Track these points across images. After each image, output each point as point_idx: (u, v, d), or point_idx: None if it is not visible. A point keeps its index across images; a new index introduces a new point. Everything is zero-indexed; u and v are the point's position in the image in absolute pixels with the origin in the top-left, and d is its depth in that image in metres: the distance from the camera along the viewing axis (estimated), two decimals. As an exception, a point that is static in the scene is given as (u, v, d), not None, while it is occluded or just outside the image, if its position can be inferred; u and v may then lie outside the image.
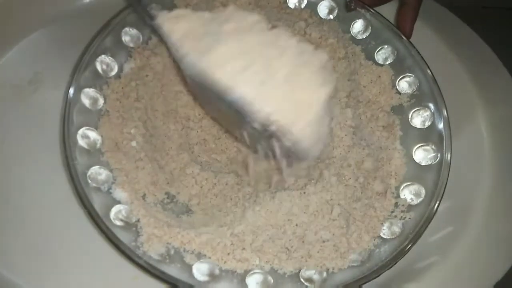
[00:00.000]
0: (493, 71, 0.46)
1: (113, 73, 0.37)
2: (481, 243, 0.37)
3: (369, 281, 0.30)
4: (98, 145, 0.34)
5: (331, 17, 0.42)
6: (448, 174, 0.34)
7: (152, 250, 0.30)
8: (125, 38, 0.37)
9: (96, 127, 0.34)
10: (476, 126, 0.43)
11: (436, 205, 0.33)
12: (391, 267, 0.31)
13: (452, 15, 0.49)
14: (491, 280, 0.36)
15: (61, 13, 0.44)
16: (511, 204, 0.39)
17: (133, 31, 0.38)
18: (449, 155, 0.35)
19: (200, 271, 0.30)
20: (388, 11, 0.42)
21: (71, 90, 0.34)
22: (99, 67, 0.36)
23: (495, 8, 0.63)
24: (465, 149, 0.41)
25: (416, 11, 0.40)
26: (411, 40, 0.40)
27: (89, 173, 0.32)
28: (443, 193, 0.34)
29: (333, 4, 0.41)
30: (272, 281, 0.30)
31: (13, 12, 0.43)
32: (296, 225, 0.32)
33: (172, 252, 0.31)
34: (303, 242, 0.31)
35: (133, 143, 0.34)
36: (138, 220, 0.31)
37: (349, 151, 0.36)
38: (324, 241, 0.31)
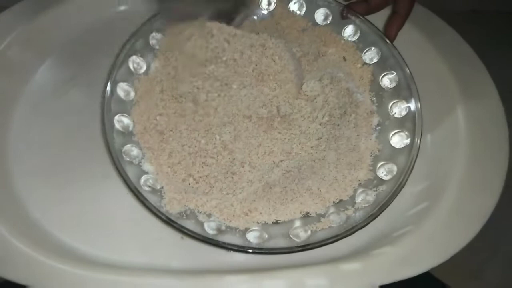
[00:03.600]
0: (472, 68, 0.48)
1: (142, 70, 0.41)
2: (451, 216, 0.39)
3: (343, 237, 0.34)
4: (130, 128, 0.38)
5: (328, 22, 0.47)
6: (417, 156, 0.38)
7: (173, 209, 0.35)
8: (152, 42, 0.41)
9: (129, 114, 0.39)
10: (454, 118, 0.45)
11: (405, 179, 0.37)
12: (362, 227, 0.35)
13: (436, 17, 0.52)
14: (458, 247, 0.38)
15: (96, 22, 0.49)
16: (480, 184, 0.41)
17: (159, 35, 0.42)
18: (418, 140, 0.39)
19: (210, 227, 0.35)
20: (379, 19, 0.47)
21: (109, 84, 0.38)
22: (131, 66, 0.40)
23: (485, 12, 0.65)
24: (444, 137, 0.44)
25: (403, 20, 0.44)
26: (396, 42, 0.43)
27: (123, 150, 0.36)
28: (411, 170, 0.37)
29: (328, 12, 0.46)
30: (266, 236, 0.35)
31: (55, 22, 0.47)
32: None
33: (188, 212, 0.35)
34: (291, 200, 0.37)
35: (158, 127, 0.39)
36: (162, 187, 0.36)
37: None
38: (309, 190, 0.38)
